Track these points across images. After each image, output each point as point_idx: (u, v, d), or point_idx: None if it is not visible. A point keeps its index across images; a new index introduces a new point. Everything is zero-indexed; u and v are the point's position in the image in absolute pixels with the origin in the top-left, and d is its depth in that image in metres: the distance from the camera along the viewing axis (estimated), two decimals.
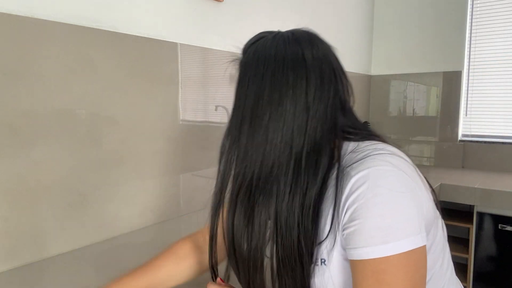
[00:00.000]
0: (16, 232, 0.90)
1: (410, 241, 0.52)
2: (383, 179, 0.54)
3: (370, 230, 0.53)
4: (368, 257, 0.53)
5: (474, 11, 2.26)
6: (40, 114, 0.91)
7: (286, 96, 0.59)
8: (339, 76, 0.67)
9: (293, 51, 0.62)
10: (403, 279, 0.52)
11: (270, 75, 0.61)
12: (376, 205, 0.53)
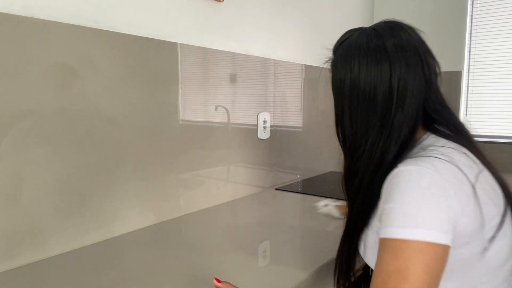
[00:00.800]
0: (16, 232, 0.90)
1: (430, 234, 0.58)
2: (420, 177, 0.61)
3: (396, 214, 0.61)
4: (389, 236, 0.61)
5: (474, 11, 2.26)
6: (40, 114, 0.91)
7: (374, 87, 0.69)
8: (424, 59, 0.71)
9: (375, 44, 0.70)
10: (421, 267, 0.58)
11: (358, 71, 0.71)
12: (406, 195, 0.61)
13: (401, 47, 0.70)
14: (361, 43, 0.72)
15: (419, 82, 0.69)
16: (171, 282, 0.83)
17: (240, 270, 0.89)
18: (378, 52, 0.69)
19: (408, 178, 0.62)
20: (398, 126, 0.68)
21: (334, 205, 1.26)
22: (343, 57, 0.75)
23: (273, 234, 1.14)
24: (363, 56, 0.71)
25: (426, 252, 0.58)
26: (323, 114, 2.10)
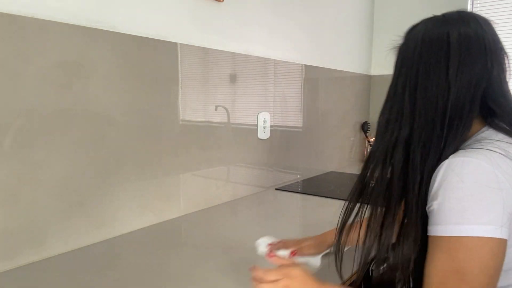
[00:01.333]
0: (16, 232, 0.90)
1: (484, 229, 0.57)
2: (472, 170, 0.59)
3: (447, 210, 0.59)
4: (442, 234, 0.59)
5: (474, 11, 2.26)
6: (40, 114, 0.91)
7: (431, 72, 0.68)
8: (490, 52, 0.69)
9: (439, 32, 0.70)
10: (477, 263, 0.57)
11: (418, 57, 0.71)
12: (456, 190, 0.59)
13: (466, 36, 0.69)
14: (426, 29, 0.73)
15: (479, 74, 0.67)
16: (171, 282, 0.83)
17: (240, 270, 0.89)
18: (440, 40, 0.69)
19: (459, 171, 0.60)
20: (455, 117, 0.66)
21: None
22: (408, 43, 0.77)
23: (273, 234, 1.14)
24: (426, 43, 0.71)
25: (482, 249, 0.57)
26: (323, 114, 2.10)
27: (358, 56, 2.44)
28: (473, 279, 0.57)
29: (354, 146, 2.48)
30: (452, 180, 0.60)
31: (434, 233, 0.61)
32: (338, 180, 1.94)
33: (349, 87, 2.36)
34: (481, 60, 0.68)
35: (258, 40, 1.59)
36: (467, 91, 0.66)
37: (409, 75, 0.71)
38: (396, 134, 0.71)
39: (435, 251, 0.61)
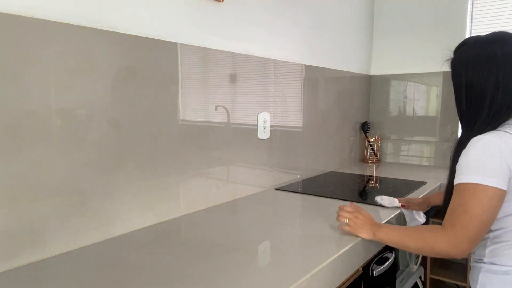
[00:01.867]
0: (16, 232, 0.90)
1: (483, 179, 0.85)
2: (485, 143, 0.88)
3: (461, 167, 0.90)
4: (457, 182, 0.90)
5: (474, 11, 2.26)
6: (40, 114, 0.92)
7: (484, 81, 0.94)
8: None
9: (487, 51, 0.95)
10: (477, 203, 0.85)
11: (471, 71, 0.97)
12: (468, 153, 0.89)
13: (509, 53, 0.93)
14: (475, 48, 0.97)
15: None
16: (171, 282, 0.83)
17: (240, 270, 0.89)
18: (489, 57, 0.94)
19: (475, 143, 0.89)
20: (497, 111, 0.94)
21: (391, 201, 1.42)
22: (460, 59, 1.01)
23: (273, 234, 1.14)
24: (476, 61, 0.96)
25: (481, 193, 0.85)
26: (323, 114, 2.10)
27: (358, 56, 2.44)
28: (473, 214, 0.85)
29: (354, 146, 2.48)
30: (469, 149, 0.90)
31: (455, 183, 0.91)
32: (338, 180, 1.94)
33: (349, 87, 2.36)
34: None
35: (258, 40, 1.59)
36: (510, 93, 0.93)
37: (467, 84, 0.99)
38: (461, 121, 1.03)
39: (454, 195, 0.91)
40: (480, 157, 0.87)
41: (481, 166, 0.86)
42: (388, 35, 2.56)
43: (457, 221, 0.87)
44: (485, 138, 0.89)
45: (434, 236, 0.91)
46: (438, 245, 0.90)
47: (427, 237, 0.93)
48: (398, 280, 1.49)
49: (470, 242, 0.86)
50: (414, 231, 0.98)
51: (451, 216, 0.89)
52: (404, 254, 1.57)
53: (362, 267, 1.15)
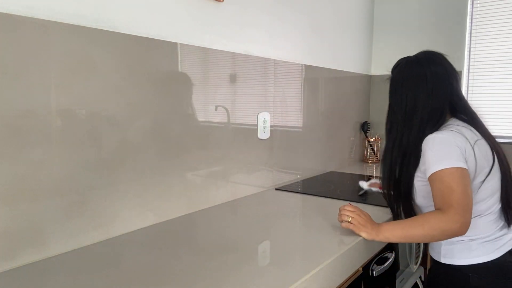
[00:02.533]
0: (16, 232, 0.90)
1: (452, 163, 1.01)
2: (440, 138, 1.06)
3: (431, 161, 1.05)
4: (433, 172, 1.03)
5: (474, 11, 2.26)
6: (40, 114, 0.92)
7: (418, 96, 1.15)
8: (452, 75, 1.17)
9: (418, 72, 1.17)
10: (457, 183, 1.00)
11: (406, 89, 1.17)
12: (432, 149, 1.06)
13: (435, 72, 1.15)
14: (408, 69, 1.19)
15: (446, 90, 1.15)
16: (171, 282, 0.83)
17: (240, 270, 0.89)
18: (420, 76, 1.15)
19: (432, 140, 1.07)
20: (431, 116, 1.13)
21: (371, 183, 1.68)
22: (396, 78, 1.21)
23: (273, 234, 1.14)
24: (409, 80, 1.17)
25: (456, 173, 1.00)
26: (323, 114, 2.10)
27: (358, 56, 2.44)
28: (459, 190, 0.99)
29: (354, 146, 2.48)
30: (430, 145, 1.06)
31: (429, 175, 1.05)
32: (338, 180, 1.94)
33: (349, 87, 2.36)
34: (447, 82, 1.15)
35: (258, 40, 1.59)
36: (443, 101, 1.15)
37: (402, 99, 1.18)
38: (400, 132, 1.18)
39: (432, 184, 1.04)
40: (442, 148, 1.04)
41: (446, 155, 1.03)
42: (388, 35, 2.56)
43: (451, 200, 0.99)
44: (438, 135, 1.07)
45: (438, 219, 0.99)
46: (444, 225, 0.98)
47: (432, 222, 1.00)
48: (398, 280, 1.49)
49: (468, 213, 0.99)
50: (415, 220, 1.04)
51: (443, 199, 1.00)
52: (404, 254, 1.57)
53: (362, 267, 1.15)
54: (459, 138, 1.06)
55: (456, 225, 0.97)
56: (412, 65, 1.18)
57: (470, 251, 1.08)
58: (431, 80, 1.14)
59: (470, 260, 1.08)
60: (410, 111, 1.15)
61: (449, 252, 1.11)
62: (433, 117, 1.13)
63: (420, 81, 1.15)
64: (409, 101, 1.16)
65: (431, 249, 1.19)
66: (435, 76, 1.14)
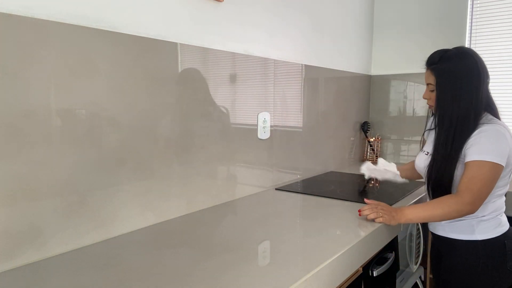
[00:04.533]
0: (16, 232, 0.90)
1: (496, 159, 1.14)
2: (491, 130, 1.17)
3: (474, 149, 1.16)
4: (473, 159, 1.16)
5: (474, 11, 2.26)
6: (40, 114, 0.92)
7: (453, 89, 1.23)
8: (484, 77, 1.24)
9: (467, 63, 1.23)
10: (488, 177, 1.14)
11: (461, 80, 1.23)
12: (479, 140, 1.17)
13: (479, 67, 1.22)
14: (455, 62, 1.24)
15: (485, 89, 1.25)
16: (171, 282, 0.83)
17: (240, 270, 0.89)
18: (473, 68, 1.22)
19: (489, 131, 1.17)
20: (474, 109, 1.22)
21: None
22: (443, 68, 1.26)
23: (273, 234, 1.14)
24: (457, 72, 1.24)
25: (494, 168, 1.14)
26: (323, 114, 2.10)
27: (358, 56, 2.44)
28: (487, 182, 1.14)
29: (354, 146, 2.48)
30: (478, 136, 1.18)
31: (471, 159, 1.16)
32: (338, 180, 1.94)
33: (349, 87, 2.36)
34: (484, 78, 1.24)
35: (258, 40, 1.59)
36: (478, 97, 1.23)
37: (453, 88, 1.23)
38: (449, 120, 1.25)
39: (468, 169, 1.16)
40: (495, 141, 1.16)
41: (496, 149, 1.15)
42: (388, 35, 2.56)
43: (474, 186, 1.14)
44: (496, 127, 1.18)
45: (455, 200, 1.15)
46: (460, 207, 1.14)
47: (450, 203, 1.16)
48: (398, 280, 1.49)
49: (482, 201, 1.16)
50: (435, 202, 1.19)
51: (469, 183, 1.15)
52: (404, 254, 1.57)
53: (362, 267, 1.15)
54: (507, 133, 1.19)
55: (469, 207, 1.15)
56: (464, 56, 1.24)
57: (500, 223, 1.25)
58: (476, 75, 1.22)
59: (502, 229, 1.24)
60: (456, 105, 1.23)
61: (484, 229, 1.24)
62: (469, 114, 1.22)
63: (468, 75, 1.22)
64: (457, 95, 1.22)
65: (459, 232, 1.27)
66: (477, 72, 1.22)
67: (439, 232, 1.33)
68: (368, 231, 1.15)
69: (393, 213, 1.21)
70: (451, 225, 1.28)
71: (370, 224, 1.21)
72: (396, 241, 1.44)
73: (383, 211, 1.22)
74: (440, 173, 1.25)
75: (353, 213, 1.33)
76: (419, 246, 1.73)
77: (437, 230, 1.33)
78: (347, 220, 1.26)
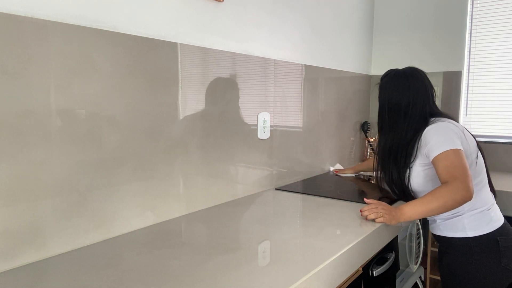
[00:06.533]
0: (16, 232, 0.90)
1: (452, 145, 1.22)
2: (438, 127, 1.29)
3: (436, 144, 1.26)
4: (438, 153, 1.24)
5: (474, 11, 2.26)
6: (40, 114, 0.92)
7: (399, 102, 1.41)
8: (429, 89, 1.41)
9: (403, 82, 1.41)
10: (458, 160, 1.20)
11: (392, 94, 1.44)
12: (434, 135, 1.28)
13: (416, 86, 1.40)
14: (396, 79, 1.43)
15: (425, 100, 1.39)
16: (171, 282, 0.83)
17: (240, 270, 0.89)
18: (404, 87, 1.41)
19: (433, 130, 1.29)
20: (417, 116, 1.38)
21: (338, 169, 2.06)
22: (384, 87, 1.47)
23: (273, 234, 1.14)
24: (395, 89, 1.43)
25: (457, 152, 1.22)
26: (323, 114, 2.10)
27: (358, 56, 2.44)
28: (462, 165, 1.19)
29: (354, 146, 2.48)
30: (432, 132, 1.29)
31: (434, 156, 1.25)
32: (338, 180, 1.94)
33: (349, 87, 2.36)
34: (426, 94, 1.40)
35: (258, 40, 1.59)
36: (422, 109, 1.38)
37: (389, 105, 1.45)
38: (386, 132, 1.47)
39: (438, 163, 1.24)
40: (442, 134, 1.26)
41: (446, 139, 1.25)
42: (388, 35, 2.56)
43: (456, 173, 1.18)
44: (435, 125, 1.30)
45: (449, 190, 1.17)
46: (455, 194, 1.16)
47: (444, 194, 1.17)
48: (398, 280, 1.49)
49: (470, 182, 1.17)
50: (430, 196, 1.20)
51: (449, 173, 1.19)
52: (404, 254, 1.57)
53: (362, 267, 1.15)
54: (452, 125, 1.29)
55: (463, 192, 1.16)
56: (399, 77, 1.42)
57: (491, 219, 1.27)
58: (413, 91, 1.38)
59: (494, 225, 1.27)
60: (394, 114, 1.41)
61: (475, 225, 1.27)
62: (414, 121, 1.37)
63: (404, 90, 1.39)
64: (394, 106, 1.41)
65: (452, 230, 1.32)
66: (416, 88, 1.39)
67: (436, 231, 1.37)
68: (368, 231, 1.15)
69: (393, 212, 1.22)
70: (445, 223, 1.33)
71: (370, 224, 1.21)
72: (396, 241, 1.44)
73: (384, 211, 1.23)
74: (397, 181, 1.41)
75: (353, 213, 1.33)
76: (419, 246, 1.73)
77: (435, 230, 1.38)
78: (347, 220, 1.26)
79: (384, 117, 1.45)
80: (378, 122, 1.49)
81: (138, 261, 0.94)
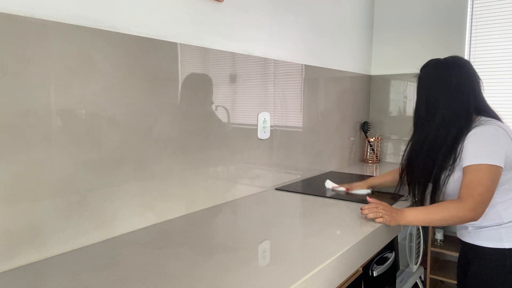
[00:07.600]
0: (16, 232, 0.90)
1: (490, 160, 1.12)
2: (483, 132, 1.16)
3: (472, 152, 1.16)
4: (468, 164, 1.15)
5: (474, 11, 2.26)
6: (40, 114, 0.92)
7: (438, 95, 1.26)
8: (475, 80, 1.26)
9: (444, 73, 1.26)
10: (487, 179, 1.12)
11: (431, 87, 1.28)
12: (475, 142, 1.16)
13: (460, 77, 1.24)
14: (436, 70, 1.29)
15: (468, 93, 1.24)
16: (171, 282, 0.83)
17: (240, 270, 0.89)
18: (445, 78, 1.26)
19: (479, 133, 1.16)
20: (460, 111, 1.23)
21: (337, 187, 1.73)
22: (424, 77, 1.31)
23: (273, 234, 1.14)
24: (437, 79, 1.27)
25: (491, 170, 1.12)
26: (323, 114, 2.10)
27: (358, 56, 2.44)
28: (486, 185, 1.11)
29: (354, 146, 2.48)
30: (474, 138, 1.17)
31: (466, 164, 1.16)
32: (338, 180, 1.94)
33: (349, 87, 2.36)
34: (470, 87, 1.25)
35: (258, 40, 1.59)
36: (465, 103, 1.24)
37: (426, 98, 1.28)
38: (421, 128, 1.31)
39: (465, 174, 1.15)
40: (486, 143, 1.15)
41: (487, 150, 1.13)
42: (388, 35, 2.56)
43: (474, 191, 1.11)
44: (484, 129, 1.16)
45: (457, 207, 1.13)
46: (462, 213, 1.12)
47: (450, 208, 1.13)
48: (398, 280, 1.49)
49: (485, 205, 1.12)
50: (436, 206, 1.17)
51: (468, 189, 1.13)
52: (404, 254, 1.57)
53: (362, 267, 1.15)
54: (500, 131, 1.15)
55: (470, 212, 1.11)
56: (439, 67, 1.28)
57: None
58: (455, 83, 1.23)
59: None
60: (432, 110, 1.26)
61: (497, 236, 1.20)
62: (456, 117, 1.22)
63: (444, 83, 1.25)
64: (432, 101, 1.26)
65: (486, 239, 1.22)
66: (458, 80, 1.23)
67: (466, 238, 1.28)
68: (368, 231, 1.15)
69: (394, 214, 1.21)
70: (478, 231, 1.23)
71: (370, 224, 1.21)
72: (396, 241, 1.44)
73: (384, 211, 1.21)
74: None
75: (353, 213, 1.33)
76: (419, 246, 1.73)
77: (464, 237, 1.29)
78: (347, 220, 1.26)
79: (421, 111, 1.29)
80: (414, 117, 1.34)
81: (138, 261, 0.94)
